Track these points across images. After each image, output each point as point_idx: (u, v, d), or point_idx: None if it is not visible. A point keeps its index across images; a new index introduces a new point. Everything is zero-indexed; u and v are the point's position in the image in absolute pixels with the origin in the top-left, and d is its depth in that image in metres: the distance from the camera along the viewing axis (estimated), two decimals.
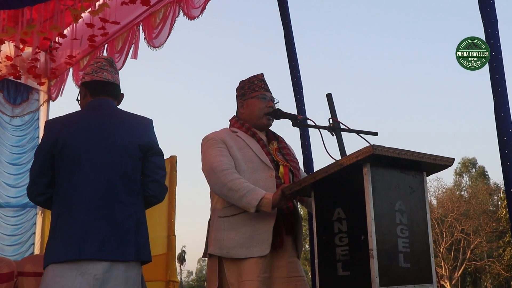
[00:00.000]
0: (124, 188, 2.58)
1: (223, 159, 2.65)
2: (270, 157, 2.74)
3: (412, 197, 2.23)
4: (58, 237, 2.47)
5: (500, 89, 2.97)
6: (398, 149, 2.13)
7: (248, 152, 2.72)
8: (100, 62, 2.90)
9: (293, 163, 2.82)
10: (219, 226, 2.67)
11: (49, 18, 6.22)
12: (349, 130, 2.67)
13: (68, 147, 2.54)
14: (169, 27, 5.94)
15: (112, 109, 2.77)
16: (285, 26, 4.51)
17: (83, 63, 7.34)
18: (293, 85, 4.36)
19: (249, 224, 2.59)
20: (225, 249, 2.59)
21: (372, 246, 2.02)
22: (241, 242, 2.56)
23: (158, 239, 4.76)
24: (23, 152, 7.76)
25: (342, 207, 2.21)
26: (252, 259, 2.53)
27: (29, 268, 4.77)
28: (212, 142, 2.74)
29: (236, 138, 2.77)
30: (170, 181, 4.79)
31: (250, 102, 2.87)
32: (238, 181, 2.55)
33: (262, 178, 2.63)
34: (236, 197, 2.52)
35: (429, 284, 2.19)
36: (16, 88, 7.79)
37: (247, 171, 2.66)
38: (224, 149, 2.70)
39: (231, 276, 2.58)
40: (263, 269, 2.53)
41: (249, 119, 2.86)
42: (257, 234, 2.57)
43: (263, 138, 2.84)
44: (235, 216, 2.62)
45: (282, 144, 2.90)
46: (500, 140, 2.95)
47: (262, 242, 2.55)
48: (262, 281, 2.51)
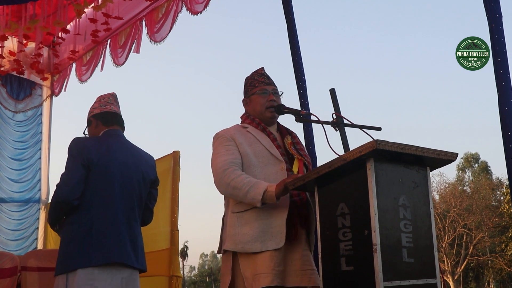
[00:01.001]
0: (138, 209, 3.11)
1: (226, 158, 2.67)
2: (281, 150, 2.75)
3: (416, 192, 2.23)
4: (91, 243, 2.83)
5: (505, 84, 2.96)
6: (401, 144, 2.12)
7: (259, 147, 2.73)
8: (107, 98, 3.26)
9: (306, 158, 2.84)
10: (233, 222, 2.68)
11: (52, 13, 6.21)
12: (353, 125, 2.67)
13: (103, 165, 2.95)
14: (171, 22, 5.93)
15: (125, 139, 3.22)
16: (289, 21, 4.50)
17: (86, 58, 7.34)
18: (297, 80, 4.35)
19: (263, 218, 2.60)
20: (240, 244, 2.61)
21: (375, 241, 2.02)
22: (255, 236, 2.58)
23: (161, 234, 4.76)
24: (26, 147, 7.77)
25: (346, 202, 2.20)
26: (266, 253, 2.55)
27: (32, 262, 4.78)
28: (221, 140, 2.77)
29: (246, 134, 2.79)
30: (173, 176, 4.79)
31: (252, 98, 2.89)
32: (239, 178, 2.56)
33: (273, 171, 2.64)
34: (241, 194, 2.55)
35: (432, 279, 2.19)
36: (19, 83, 7.79)
37: (258, 165, 2.68)
38: (231, 147, 2.72)
39: (246, 270, 2.59)
40: (278, 262, 2.54)
41: (254, 115, 2.88)
42: (271, 227, 2.58)
43: (274, 133, 2.85)
44: (248, 211, 2.64)
45: (296, 139, 2.91)
46: (504, 135, 2.94)
47: (276, 235, 2.56)
48: (277, 274, 2.52)
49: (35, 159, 7.80)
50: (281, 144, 2.80)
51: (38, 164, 7.83)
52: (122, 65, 6.70)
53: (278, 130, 2.91)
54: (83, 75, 7.38)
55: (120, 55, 6.66)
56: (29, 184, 7.67)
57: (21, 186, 7.57)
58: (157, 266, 4.67)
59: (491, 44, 3.04)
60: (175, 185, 4.78)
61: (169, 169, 4.84)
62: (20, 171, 7.61)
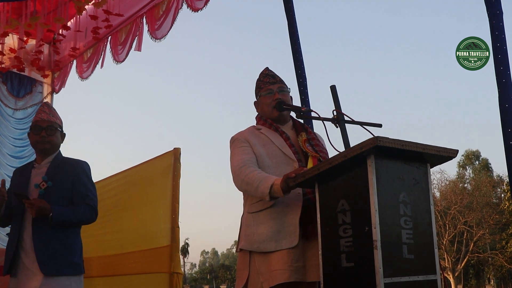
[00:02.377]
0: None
1: (242, 157, 2.72)
2: (294, 150, 2.76)
3: (416, 189, 2.23)
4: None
5: (505, 81, 2.96)
6: (402, 141, 2.13)
7: (272, 148, 2.77)
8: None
9: (322, 153, 2.82)
10: (248, 222, 2.73)
11: (53, 10, 6.22)
12: (353, 122, 2.67)
13: None
14: (172, 19, 5.93)
15: None
16: (289, 17, 4.50)
17: (87, 55, 7.34)
18: (297, 77, 4.36)
19: (277, 218, 2.63)
20: (255, 243, 2.65)
21: (376, 237, 2.03)
22: (270, 236, 2.61)
23: (162, 231, 4.76)
24: (26, 145, 7.75)
25: (346, 199, 2.21)
26: (283, 251, 2.57)
27: None
28: (236, 142, 2.83)
29: (260, 135, 2.83)
30: (174, 173, 4.79)
31: (260, 100, 2.94)
32: (252, 174, 2.60)
33: (287, 171, 2.63)
34: (253, 190, 2.59)
35: (432, 275, 2.20)
36: (20, 81, 7.79)
37: (272, 166, 2.71)
38: (246, 148, 2.77)
39: (262, 266, 2.62)
40: (295, 259, 2.56)
41: (265, 116, 2.92)
42: (285, 227, 2.60)
43: (288, 132, 2.87)
44: (263, 211, 2.67)
45: (311, 135, 2.91)
46: (504, 132, 2.94)
47: (290, 235, 2.58)
48: (295, 270, 2.54)
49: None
50: (294, 142, 2.81)
51: None
52: (122, 62, 6.70)
53: (294, 127, 2.93)
54: (83, 72, 7.38)
55: (121, 52, 6.66)
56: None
57: None
58: (158, 263, 4.68)
59: (492, 41, 3.04)
60: (175, 182, 4.78)
61: (170, 166, 4.84)
62: None
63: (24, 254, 3.13)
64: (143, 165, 5.28)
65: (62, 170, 3.31)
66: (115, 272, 4.94)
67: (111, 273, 5.21)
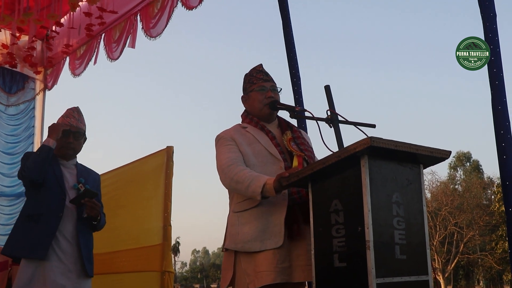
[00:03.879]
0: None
1: (230, 155, 2.70)
2: (279, 149, 2.75)
3: (409, 189, 2.24)
4: None
5: (498, 83, 2.98)
6: (395, 141, 2.13)
7: (258, 147, 2.74)
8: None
9: (307, 152, 2.81)
10: (233, 221, 2.71)
11: (46, 7, 6.18)
12: (347, 122, 2.67)
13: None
14: (167, 17, 5.91)
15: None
16: (284, 17, 4.50)
17: (80, 52, 7.30)
18: (291, 76, 4.36)
19: (262, 218, 2.61)
20: (240, 243, 2.63)
21: (368, 237, 2.03)
22: (254, 235, 2.60)
23: (154, 229, 4.76)
24: (18, 141, 7.72)
25: (339, 199, 2.21)
26: (268, 251, 2.56)
27: None
28: (222, 141, 2.80)
29: (245, 134, 2.80)
30: (167, 171, 4.79)
31: (251, 95, 2.89)
32: (242, 173, 2.58)
33: (273, 171, 2.63)
34: (243, 188, 2.56)
35: (424, 275, 2.20)
36: (12, 77, 7.73)
37: (258, 165, 2.69)
38: (232, 146, 2.74)
39: (248, 267, 2.61)
40: (281, 259, 2.55)
41: (253, 112, 2.89)
42: (270, 227, 2.59)
43: (274, 131, 2.85)
44: (248, 210, 2.66)
45: (296, 133, 2.90)
46: (497, 133, 2.95)
47: (275, 235, 2.57)
48: (281, 271, 2.53)
49: None
50: (280, 141, 2.79)
51: None
52: (116, 60, 6.67)
53: (279, 126, 2.91)
54: (76, 69, 7.34)
55: (115, 50, 6.63)
56: None
57: (13, 180, 7.51)
58: (150, 261, 4.67)
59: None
60: (168, 181, 4.77)
61: (162, 165, 4.83)
62: (11, 165, 7.55)
63: (61, 246, 3.15)
64: (135, 163, 5.26)
65: (89, 177, 3.46)
66: (107, 270, 4.92)
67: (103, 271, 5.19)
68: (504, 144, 2.92)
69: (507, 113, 2.95)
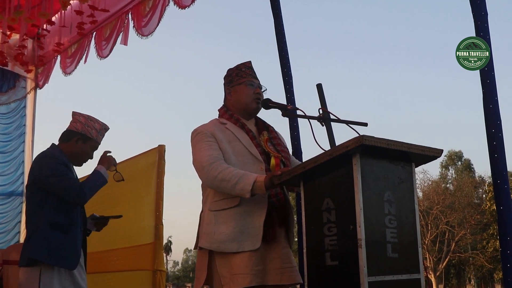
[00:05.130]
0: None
1: (211, 152, 2.64)
2: (260, 149, 2.72)
3: (401, 188, 2.24)
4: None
5: (489, 81, 2.98)
6: (387, 140, 2.13)
7: (238, 145, 2.70)
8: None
9: (284, 153, 2.80)
10: (210, 220, 2.65)
11: (37, 5, 6.14)
12: (339, 120, 2.67)
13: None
14: (159, 16, 5.88)
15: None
16: (276, 16, 4.49)
17: (71, 50, 7.26)
18: (283, 75, 4.34)
19: (240, 219, 2.58)
20: (216, 243, 2.59)
21: (360, 236, 2.03)
22: (232, 236, 2.56)
23: (146, 229, 4.74)
24: (9, 140, 7.67)
25: (331, 197, 2.21)
26: (244, 253, 2.53)
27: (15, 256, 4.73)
28: (201, 135, 2.72)
29: (225, 131, 2.75)
30: (159, 170, 4.77)
31: (238, 88, 2.85)
32: (227, 171, 2.54)
33: (252, 171, 2.60)
34: (229, 186, 2.51)
35: (416, 274, 2.21)
36: (3, 75, 7.68)
37: (237, 164, 2.64)
38: (213, 143, 2.68)
39: (223, 269, 2.57)
40: (256, 262, 2.53)
41: (237, 106, 2.84)
42: (248, 228, 2.56)
43: (253, 129, 2.82)
44: (225, 210, 2.62)
45: (273, 134, 2.87)
46: (488, 132, 2.96)
47: (253, 237, 2.55)
48: (256, 273, 2.51)
49: (18, 151, 7.71)
50: (258, 141, 2.77)
51: (22, 157, 7.74)
52: (106, 58, 6.64)
53: (256, 125, 2.88)
54: (67, 68, 7.30)
55: (105, 47, 6.60)
56: (12, 177, 7.59)
57: (4, 179, 7.48)
58: (142, 260, 4.66)
59: None
60: (160, 179, 4.76)
61: (154, 163, 4.82)
62: (3, 164, 7.52)
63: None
64: (127, 162, 5.24)
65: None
66: (98, 269, 4.90)
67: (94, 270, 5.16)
68: (496, 143, 2.93)
69: (499, 112, 2.95)
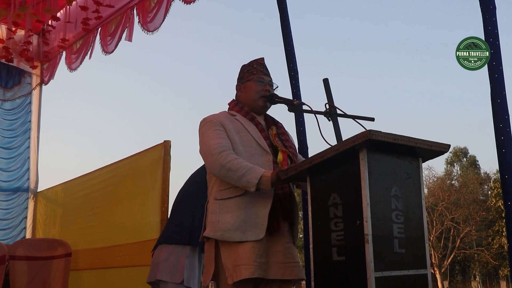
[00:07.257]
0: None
1: (220, 141, 2.63)
2: (268, 142, 2.72)
3: (408, 183, 2.23)
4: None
5: (497, 76, 2.96)
6: (394, 135, 2.12)
7: (246, 136, 2.70)
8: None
9: (291, 149, 2.80)
10: (214, 209, 2.65)
11: (42, 1, 6.15)
12: (346, 115, 2.66)
13: None
14: (165, 11, 5.88)
15: None
16: (282, 10, 4.48)
17: (76, 46, 7.27)
18: (289, 70, 4.34)
19: (245, 208, 2.57)
20: (220, 231, 2.58)
21: (367, 231, 2.02)
22: (236, 225, 2.55)
23: (151, 224, 4.75)
24: (15, 136, 7.71)
25: (338, 192, 2.20)
26: (248, 243, 2.52)
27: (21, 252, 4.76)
28: (210, 124, 2.72)
29: (234, 121, 2.75)
30: (164, 165, 4.77)
31: (248, 84, 2.85)
32: (236, 161, 2.53)
33: (259, 162, 2.60)
34: (235, 177, 2.50)
35: (423, 269, 2.20)
36: (8, 71, 7.71)
37: (245, 155, 2.63)
38: (222, 132, 2.67)
39: (227, 260, 2.56)
40: (259, 254, 2.52)
41: (246, 102, 2.84)
42: (253, 218, 2.55)
43: (262, 123, 2.82)
44: (230, 199, 2.61)
45: (281, 129, 2.88)
46: (496, 127, 2.94)
47: (257, 227, 2.54)
48: (258, 265, 2.50)
49: (24, 147, 7.75)
50: (268, 135, 2.77)
51: (27, 153, 7.77)
52: (111, 53, 6.64)
53: (265, 120, 2.88)
54: (72, 63, 7.32)
55: (109, 43, 6.60)
56: (17, 173, 7.62)
57: (10, 175, 7.51)
58: (146, 256, 4.66)
59: (484, 35, 3.04)
60: (165, 175, 4.76)
61: (160, 159, 4.82)
62: (8, 160, 7.55)
63: None
64: (133, 157, 5.25)
65: None
66: (103, 264, 4.92)
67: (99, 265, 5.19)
68: (503, 138, 2.91)
69: (507, 107, 2.94)
